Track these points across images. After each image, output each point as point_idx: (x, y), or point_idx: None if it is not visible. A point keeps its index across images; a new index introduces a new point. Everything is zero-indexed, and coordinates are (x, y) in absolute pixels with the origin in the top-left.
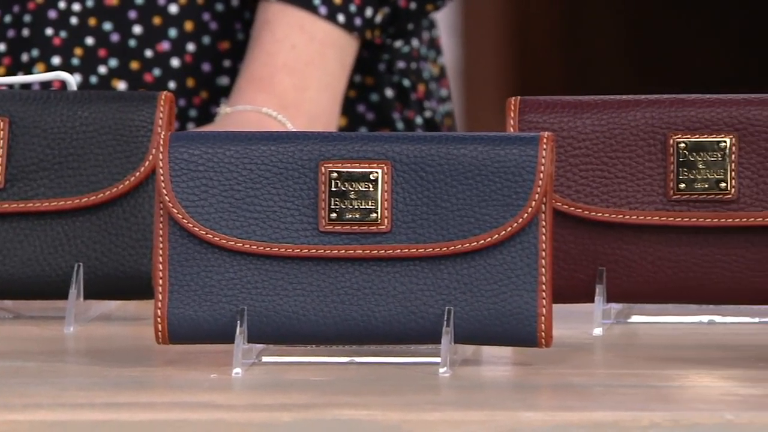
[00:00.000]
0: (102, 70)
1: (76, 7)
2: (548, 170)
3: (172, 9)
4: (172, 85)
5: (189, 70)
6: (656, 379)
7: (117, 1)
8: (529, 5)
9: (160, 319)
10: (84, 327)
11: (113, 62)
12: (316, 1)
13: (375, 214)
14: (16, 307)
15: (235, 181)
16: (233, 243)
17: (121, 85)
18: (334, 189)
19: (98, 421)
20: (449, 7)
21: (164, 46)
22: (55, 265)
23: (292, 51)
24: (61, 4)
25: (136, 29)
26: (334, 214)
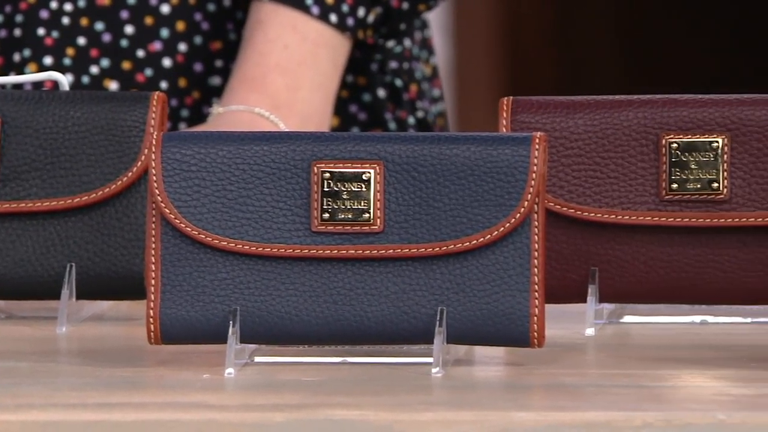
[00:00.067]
0: (94, 70)
1: (68, 7)
2: (541, 170)
3: (164, 9)
4: (164, 85)
5: (181, 70)
6: (648, 379)
7: (109, 1)
8: (521, 5)
9: (152, 320)
10: (76, 327)
11: (105, 62)
12: (309, 1)
13: (367, 215)
14: (8, 308)
15: (228, 182)
16: (226, 243)
17: (113, 85)
18: (326, 189)
19: (90, 422)
20: (441, 8)
21: (156, 46)
22: (48, 266)
23: (284, 51)
24: (53, 4)
25: (128, 29)
26: (327, 215)
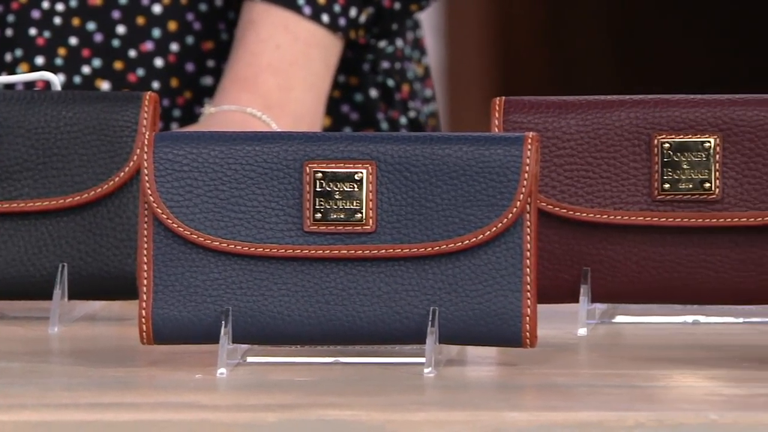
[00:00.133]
0: (86, 70)
1: (60, 7)
2: (533, 170)
3: (156, 9)
4: (155, 85)
5: (173, 70)
6: (641, 379)
7: (100, 1)
8: (513, 6)
9: (144, 320)
10: (68, 327)
11: (97, 62)
12: (301, 1)
13: (360, 215)
14: (0, 308)
15: (220, 182)
16: (218, 243)
17: (105, 85)
18: (318, 189)
19: (83, 422)
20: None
21: (148, 46)
22: (40, 266)
23: (276, 51)
24: (45, 4)
25: (120, 29)
26: (319, 215)
